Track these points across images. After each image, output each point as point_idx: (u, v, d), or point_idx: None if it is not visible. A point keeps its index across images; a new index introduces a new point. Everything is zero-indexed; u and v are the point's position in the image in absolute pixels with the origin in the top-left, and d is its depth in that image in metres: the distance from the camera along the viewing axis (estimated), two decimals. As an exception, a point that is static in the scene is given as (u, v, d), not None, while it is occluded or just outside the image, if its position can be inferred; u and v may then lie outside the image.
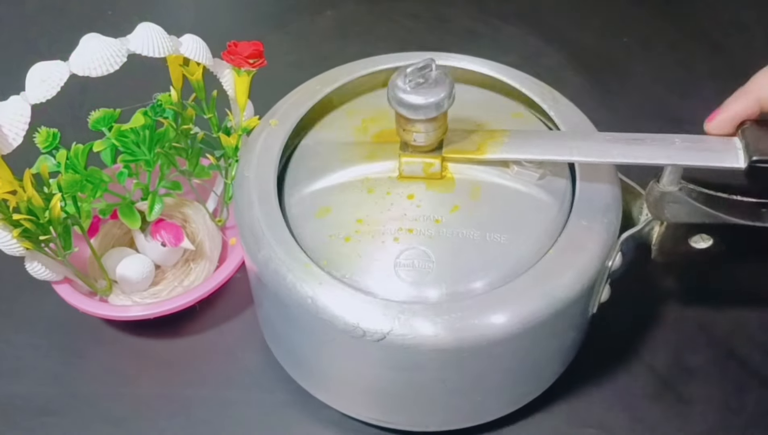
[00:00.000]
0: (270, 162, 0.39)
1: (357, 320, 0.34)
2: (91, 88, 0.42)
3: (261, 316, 0.44)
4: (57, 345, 0.47)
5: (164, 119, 0.42)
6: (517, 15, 0.68)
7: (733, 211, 0.37)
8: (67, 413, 0.44)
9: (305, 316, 0.35)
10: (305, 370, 0.42)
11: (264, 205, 0.37)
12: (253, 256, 0.37)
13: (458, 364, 0.35)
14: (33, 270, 0.42)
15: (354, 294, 0.34)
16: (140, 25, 0.38)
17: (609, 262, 0.37)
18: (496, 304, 0.34)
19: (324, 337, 0.36)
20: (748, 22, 0.66)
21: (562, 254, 0.36)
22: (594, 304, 0.40)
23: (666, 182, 0.38)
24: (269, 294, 0.37)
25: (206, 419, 0.43)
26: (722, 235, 0.39)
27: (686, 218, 0.38)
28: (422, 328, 0.33)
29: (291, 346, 0.41)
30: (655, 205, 0.39)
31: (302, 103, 0.42)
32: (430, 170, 0.38)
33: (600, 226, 0.37)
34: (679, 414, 0.43)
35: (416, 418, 0.41)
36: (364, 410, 0.41)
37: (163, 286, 0.47)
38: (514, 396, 0.41)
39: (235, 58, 0.42)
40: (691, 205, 0.38)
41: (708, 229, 0.39)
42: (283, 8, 0.69)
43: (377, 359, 0.36)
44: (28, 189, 0.38)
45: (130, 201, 0.45)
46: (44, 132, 0.40)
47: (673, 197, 0.38)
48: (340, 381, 0.40)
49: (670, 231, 0.39)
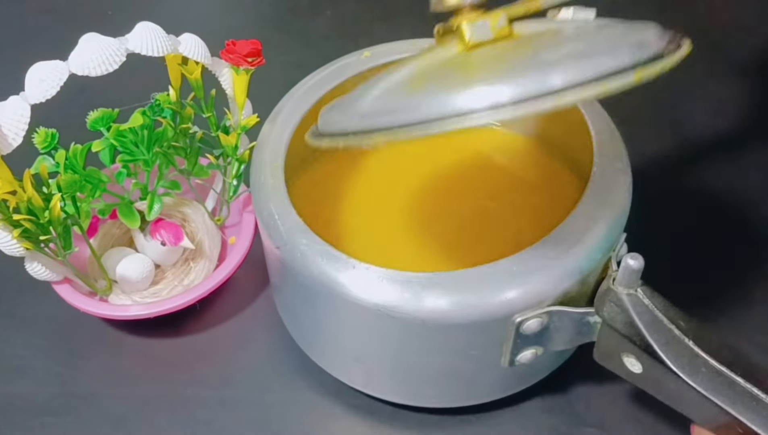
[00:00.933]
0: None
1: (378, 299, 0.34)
2: (90, 88, 0.42)
3: (279, 299, 0.44)
4: (57, 345, 0.47)
5: (163, 119, 0.42)
6: (517, 14, 0.68)
7: (669, 350, 0.32)
8: (68, 413, 0.44)
9: (325, 295, 0.36)
10: (323, 347, 0.42)
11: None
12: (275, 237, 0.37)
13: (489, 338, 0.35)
14: (33, 270, 0.42)
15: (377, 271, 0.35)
16: (139, 25, 0.39)
17: (518, 318, 0.34)
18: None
19: (345, 314, 0.37)
20: (748, 22, 0.66)
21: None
22: (505, 357, 0.36)
23: (619, 280, 0.33)
24: (291, 275, 0.37)
25: (206, 419, 0.43)
26: (649, 369, 0.34)
27: (620, 327, 0.34)
28: (365, 290, 0.34)
29: (310, 324, 0.41)
30: (600, 298, 0.34)
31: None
32: (497, 24, 0.31)
33: (530, 280, 0.34)
34: (680, 414, 0.43)
35: (372, 383, 0.41)
36: (328, 361, 0.42)
37: (163, 285, 0.47)
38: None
39: (234, 56, 0.42)
40: (630, 316, 0.33)
41: (638, 353, 0.34)
42: (283, 8, 0.69)
43: (328, 308, 0.37)
44: (27, 189, 0.38)
45: (129, 201, 0.45)
46: (43, 132, 0.40)
47: (617, 298, 0.33)
48: (356, 354, 0.41)
49: (605, 332, 0.35)
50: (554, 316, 0.35)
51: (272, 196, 0.38)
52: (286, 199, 0.38)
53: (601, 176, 0.38)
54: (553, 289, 0.34)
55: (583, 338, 0.36)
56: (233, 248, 0.47)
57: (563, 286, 0.34)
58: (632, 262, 0.33)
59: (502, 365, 0.37)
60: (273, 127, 0.42)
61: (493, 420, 0.42)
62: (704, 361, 0.33)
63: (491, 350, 0.36)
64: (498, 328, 0.35)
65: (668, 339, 0.33)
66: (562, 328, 0.35)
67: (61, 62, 0.37)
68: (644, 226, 0.40)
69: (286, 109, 0.43)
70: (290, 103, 0.43)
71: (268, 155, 0.40)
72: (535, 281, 0.34)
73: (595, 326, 0.35)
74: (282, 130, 0.41)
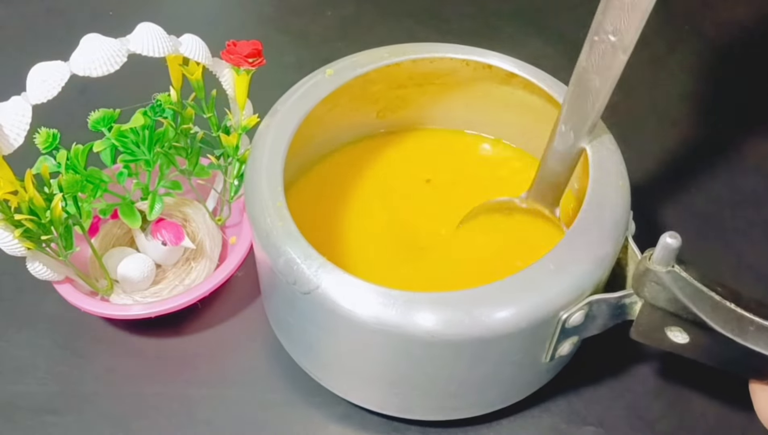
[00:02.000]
0: (281, 151, 0.39)
1: (362, 309, 0.34)
2: (91, 89, 0.42)
3: (264, 295, 0.44)
4: (58, 344, 0.47)
5: (164, 119, 0.42)
6: (517, 15, 0.68)
7: (716, 317, 0.34)
8: (68, 412, 0.44)
9: (312, 305, 0.35)
10: (300, 347, 0.42)
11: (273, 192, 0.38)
12: (257, 228, 0.37)
13: (465, 355, 0.36)
14: (34, 270, 0.42)
15: (360, 284, 0.34)
16: (140, 25, 0.39)
17: (564, 314, 0.35)
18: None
19: (330, 325, 0.36)
20: (748, 22, 0.66)
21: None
22: (547, 354, 0.38)
23: (656, 259, 0.34)
24: (280, 284, 0.37)
25: (207, 419, 0.43)
26: (697, 338, 0.35)
27: (664, 304, 0.35)
28: (411, 318, 0.34)
29: (287, 321, 0.41)
30: (638, 279, 0.35)
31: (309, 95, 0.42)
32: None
33: (569, 276, 0.35)
34: (679, 412, 0.44)
35: (405, 405, 0.41)
36: (353, 392, 0.42)
37: (164, 285, 0.47)
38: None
39: (234, 57, 0.42)
40: (673, 293, 0.34)
41: (685, 325, 0.35)
42: (283, 8, 0.69)
43: (367, 343, 0.36)
44: (29, 189, 0.38)
45: (130, 201, 0.45)
46: (44, 133, 0.40)
47: (657, 277, 0.34)
48: (333, 361, 0.40)
49: (647, 311, 0.36)
50: (594, 305, 0.36)
51: (269, 209, 0.37)
52: (285, 210, 0.37)
53: (598, 166, 0.39)
54: (590, 278, 0.35)
55: (615, 320, 0.38)
56: (234, 248, 0.47)
57: (598, 273, 0.36)
58: (671, 240, 0.33)
59: (543, 361, 0.38)
60: (268, 129, 0.41)
61: (492, 420, 0.42)
62: (750, 320, 0.34)
63: (535, 350, 0.37)
64: (545, 328, 0.36)
65: (712, 306, 0.34)
66: (599, 315, 0.37)
67: (63, 63, 0.37)
68: (644, 224, 0.40)
69: (279, 115, 0.42)
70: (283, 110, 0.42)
71: (265, 167, 0.39)
72: (574, 274, 0.35)
73: (631, 307, 0.37)
74: (280, 132, 0.41)
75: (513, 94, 0.45)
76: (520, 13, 0.68)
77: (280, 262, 0.36)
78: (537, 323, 0.35)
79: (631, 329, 0.37)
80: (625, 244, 0.37)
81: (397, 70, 0.44)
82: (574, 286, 0.35)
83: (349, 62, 0.43)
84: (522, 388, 0.41)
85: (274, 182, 0.38)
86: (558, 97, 0.41)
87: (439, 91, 0.47)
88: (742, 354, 0.34)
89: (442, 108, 0.48)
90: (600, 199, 0.37)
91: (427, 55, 0.44)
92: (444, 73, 0.46)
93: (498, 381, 0.39)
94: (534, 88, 0.43)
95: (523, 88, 0.44)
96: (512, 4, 0.69)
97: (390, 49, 0.44)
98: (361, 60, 0.44)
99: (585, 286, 0.35)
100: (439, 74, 0.46)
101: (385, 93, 0.47)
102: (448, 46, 0.44)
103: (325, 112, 0.42)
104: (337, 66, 0.43)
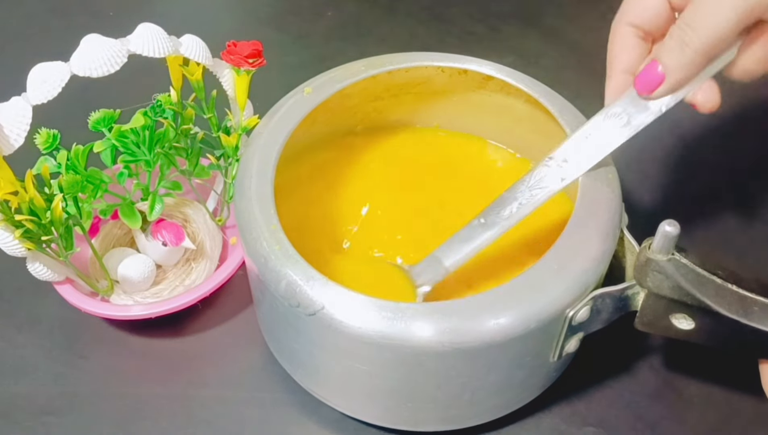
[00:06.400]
0: (271, 160, 0.39)
1: (355, 322, 0.34)
2: (92, 89, 0.42)
3: (260, 316, 0.44)
4: (59, 345, 0.47)
5: (164, 119, 0.42)
6: (517, 15, 0.68)
7: (721, 300, 0.34)
8: (69, 413, 0.44)
9: (319, 327, 0.35)
10: (305, 370, 0.42)
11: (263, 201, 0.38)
12: (253, 255, 0.37)
13: (477, 362, 0.36)
14: (35, 270, 0.42)
15: (354, 297, 0.34)
16: (140, 26, 0.39)
17: (570, 312, 0.35)
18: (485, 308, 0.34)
19: (337, 345, 0.36)
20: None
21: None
22: (555, 352, 0.38)
23: (656, 248, 0.34)
24: (269, 294, 0.37)
25: (207, 419, 0.43)
26: (702, 323, 0.35)
27: (667, 292, 0.35)
28: (420, 330, 0.33)
29: (290, 346, 0.41)
30: (640, 269, 0.35)
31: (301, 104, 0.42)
32: None
33: (572, 273, 0.35)
34: (680, 413, 0.44)
35: (415, 419, 0.40)
36: (362, 410, 0.41)
37: (164, 285, 0.47)
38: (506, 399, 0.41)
39: (235, 57, 0.42)
40: (676, 280, 0.34)
41: (690, 311, 0.35)
42: (283, 9, 0.69)
43: (376, 360, 0.36)
44: (29, 190, 0.38)
45: (130, 201, 0.45)
46: (44, 133, 0.41)
47: (659, 267, 0.35)
48: (339, 381, 0.40)
49: (651, 301, 0.36)
50: (598, 300, 0.36)
51: (264, 234, 0.37)
52: (280, 232, 0.37)
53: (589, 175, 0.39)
54: (593, 273, 0.35)
55: (619, 312, 0.38)
56: (234, 249, 0.47)
57: (600, 268, 0.36)
58: (670, 228, 0.33)
59: (551, 361, 0.38)
60: (254, 154, 0.40)
61: (492, 420, 0.42)
62: (754, 300, 0.34)
63: (544, 350, 0.37)
64: (553, 327, 0.36)
65: (716, 290, 0.34)
66: (603, 309, 0.37)
67: (63, 63, 0.37)
68: (643, 221, 0.40)
69: (262, 138, 0.41)
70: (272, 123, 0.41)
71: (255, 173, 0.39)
72: (577, 271, 0.35)
73: (634, 298, 0.37)
74: (265, 156, 0.40)
75: (490, 97, 0.46)
76: (520, 13, 0.68)
77: (282, 286, 0.35)
78: (545, 323, 0.35)
79: (636, 320, 0.37)
80: (621, 236, 0.38)
81: (373, 83, 0.44)
82: (578, 283, 0.35)
83: (326, 78, 0.43)
84: (532, 389, 0.41)
85: (266, 206, 0.37)
86: (536, 96, 0.42)
87: (415, 99, 0.47)
88: (748, 335, 0.34)
89: (420, 115, 0.49)
90: (592, 194, 0.38)
91: (403, 65, 0.44)
92: (420, 82, 0.46)
93: (509, 385, 0.39)
94: (511, 89, 0.43)
95: (500, 90, 0.45)
96: (512, 4, 0.69)
97: (366, 61, 0.44)
98: (337, 75, 0.43)
99: (589, 282, 0.35)
100: (415, 83, 0.46)
101: (362, 106, 0.47)
102: (423, 55, 0.44)
103: (304, 130, 0.42)
104: (315, 83, 0.43)
